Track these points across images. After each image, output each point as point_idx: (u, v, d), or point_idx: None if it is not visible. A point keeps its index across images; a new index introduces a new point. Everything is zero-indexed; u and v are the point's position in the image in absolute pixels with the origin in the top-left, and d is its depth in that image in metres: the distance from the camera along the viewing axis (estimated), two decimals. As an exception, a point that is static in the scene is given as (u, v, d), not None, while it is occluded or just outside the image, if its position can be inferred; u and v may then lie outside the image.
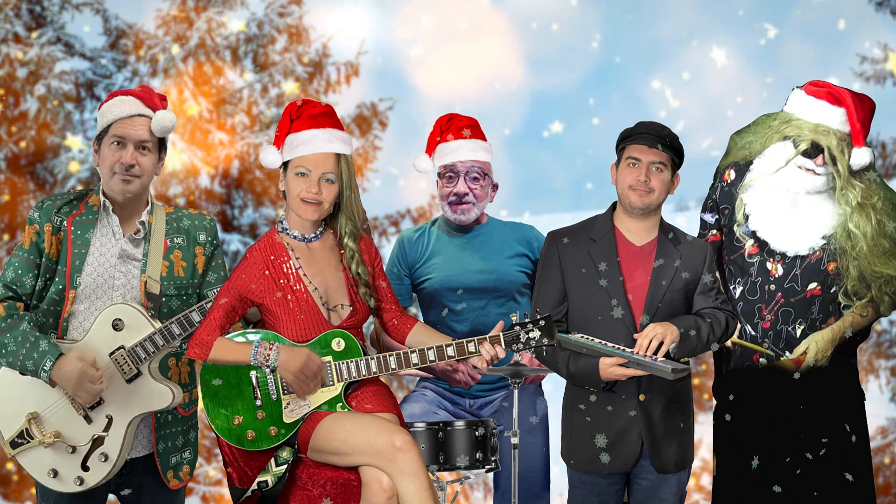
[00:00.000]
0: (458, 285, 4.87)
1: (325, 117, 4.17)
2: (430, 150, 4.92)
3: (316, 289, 4.13)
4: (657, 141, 4.33)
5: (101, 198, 4.27)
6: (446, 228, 4.98)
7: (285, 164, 4.18)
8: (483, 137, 4.92)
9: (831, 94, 4.54)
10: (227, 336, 4.09)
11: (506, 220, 5.05)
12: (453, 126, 4.90)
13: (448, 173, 4.89)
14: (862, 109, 4.52)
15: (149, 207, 4.32)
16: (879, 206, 4.52)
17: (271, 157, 4.18)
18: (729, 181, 4.64)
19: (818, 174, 4.51)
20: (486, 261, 4.90)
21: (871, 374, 11.47)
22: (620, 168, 4.37)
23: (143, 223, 4.29)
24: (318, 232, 4.20)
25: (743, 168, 4.63)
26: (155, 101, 4.29)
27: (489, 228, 4.96)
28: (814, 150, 4.51)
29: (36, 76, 11.06)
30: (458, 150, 4.87)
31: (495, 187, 4.98)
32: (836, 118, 4.52)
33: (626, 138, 4.37)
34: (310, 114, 4.16)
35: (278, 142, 4.17)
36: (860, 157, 4.51)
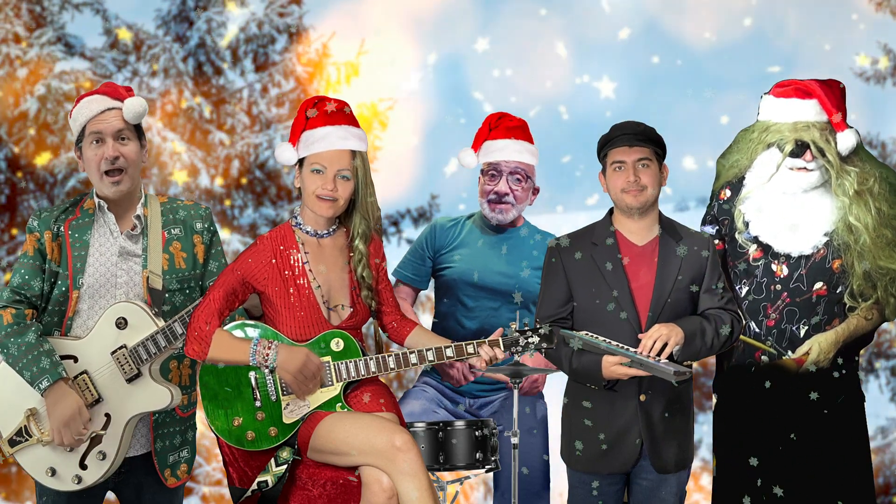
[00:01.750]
0: (477, 282, 4.87)
1: (341, 114, 4.16)
2: (477, 146, 4.93)
3: (319, 286, 4.13)
4: (635, 138, 4.33)
5: (96, 200, 4.28)
6: (480, 224, 4.98)
7: (300, 161, 4.17)
8: (530, 140, 4.93)
9: (799, 90, 4.54)
10: (225, 329, 4.08)
11: (541, 227, 5.04)
12: (502, 125, 4.92)
13: (491, 171, 4.90)
14: (833, 94, 4.52)
15: (143, 200, 4.32)
16: (877, 191, 4.52)
17: (287, 154, 4.17)
18: (725, 198, 4.64)
19: (810, 170, 4.52)
20: (510, 265, 4.90)
21: (871, 375, 11.47)
22: (608, 175, 4.37)
23: (138, 217, 4.29)
24: (331, 229, 4.20)
25: (737, 185, 4.63)
26: (121, 93, 4.30)
27: (522, 233, 4.96)
28: (800, 149, 4.51)
29: (36, 76, 11.06)
30: (504, 150, 4.88)
31: (536, 191, 4.98)
32: (810, 111, 4.53)
33: (606, 144, 4.38)
34: (325, 110, 4.16)
35: (293, 138, 4.17)
36: (845, 140, 4.51)
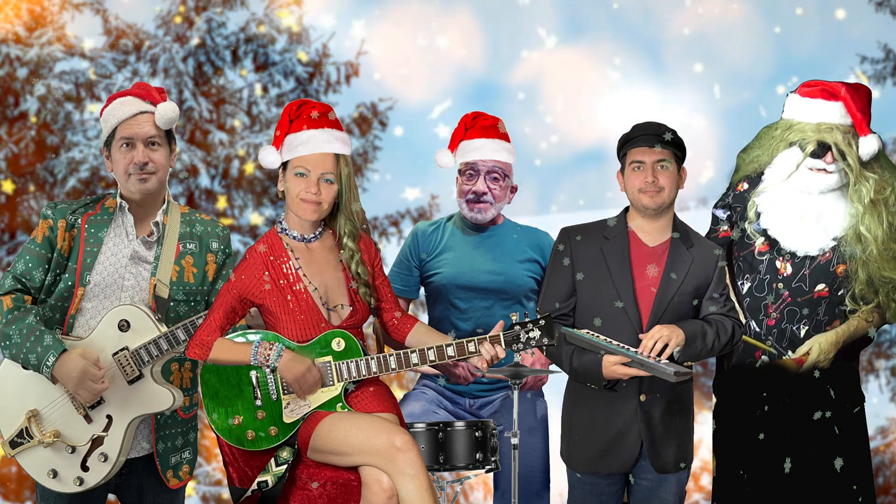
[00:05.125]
0: (467, 283, 4.87)
1: (324, 118, 4.17)
2: (453, 146, 4.93)
3: (316, 289, 4.13)
4: (656, 140, 4.32)
5: (118, 200, 4.27)
6: (461, 226, 4.98)
7: (284, 165, 4.17)
8: (507, 138, 4.92)
9: (826, 91, 4.53)
10: (226, 337, 4.09)
11: (523, 224, 5.04)
12: (478, 124, 4.91)
13: (468, 171, 4.90)
14: (859, 98, 4.52)
15: (164, 206, 4.31)
16: (892, 202, 4.51)
17: (270, 158, 4.18)
18: (742, 190, 4.64)
19: (830, 172, 4.51)
20: (496, 262, 4.90)
21: (871, 374, 11.48)
22: (626, 174, 4.36)
23: (157, 224, 4.28)
24: (317, 232, 4.20)
25: (755, 180, 4.62)
26: (154, 96, 4.28)
27: (504, 230, 4.96)
28: (821, 150, 4.51)
29: (36, 76, 11.06)
30: (481, 149, 4.87)
31: (514, 189, 4.98)
32: (835, 113, 4.52)
33: (626, 143, 4.36)
34: (308, 114, 4.16)
35: (277, 142, 4.17)
36: (868, 145, 4.50)
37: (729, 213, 4.64)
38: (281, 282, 4.10)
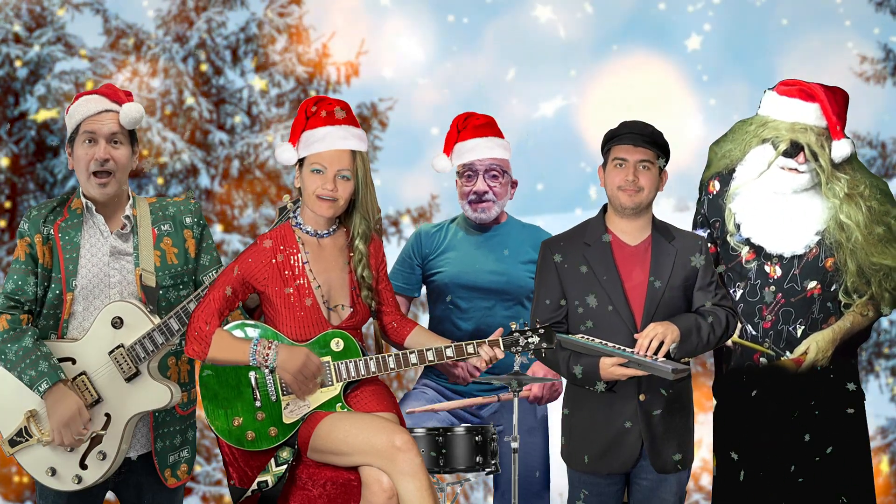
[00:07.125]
0: (468, 283, 4.87)
1: (341, 114, 4.17)
2: (448, 149, 4.93)
3: (319, 286, 4.13)
4: (641, 139, 4.32)
5: (83, 200, 4.28)
6: (465, 226, 4.98)
7: (301, 161, 4.17)
8: (500, 135, 4.92)
9: (803, 91, 4.54)
10: (225, 328, 4.08)
11: (525, 222, 5.04)
12: (470, 125, 4.91)
13: (467, 172, 4.89)
14: (836, 102, 4.52)
15: (131, 201, 4.32)
16: (867, 194, 4.52)
17: (287, 154, 4.18)
18: (714, 192, 4.63)
19: (801, 172, 4.52)
20: (499, 262, 4.90)
21: (871, 374, 11.49)
22: (608, 170, 4.37)
23: (127, 217, 4.29)
24: (331, 229, 4.20)
25: (726, 177, 4.62)
26: (120, 97, 4.30)
27: (507, 229, 4.96)
28: (794, 149, 4.51)
29: (36, 76, 11.07)
30: (476, 149, 4.87)
31: (514, 184, 4.98)
32: (811, 114, 4.53)
33: (611, 139, 4.37)
34: (325, 110, 4.16)
35: (294, 138, 4.17)
36: (840, 149, 4.51)
37: (709, 230, 4.64)
38: (286, 272, 4.10)
